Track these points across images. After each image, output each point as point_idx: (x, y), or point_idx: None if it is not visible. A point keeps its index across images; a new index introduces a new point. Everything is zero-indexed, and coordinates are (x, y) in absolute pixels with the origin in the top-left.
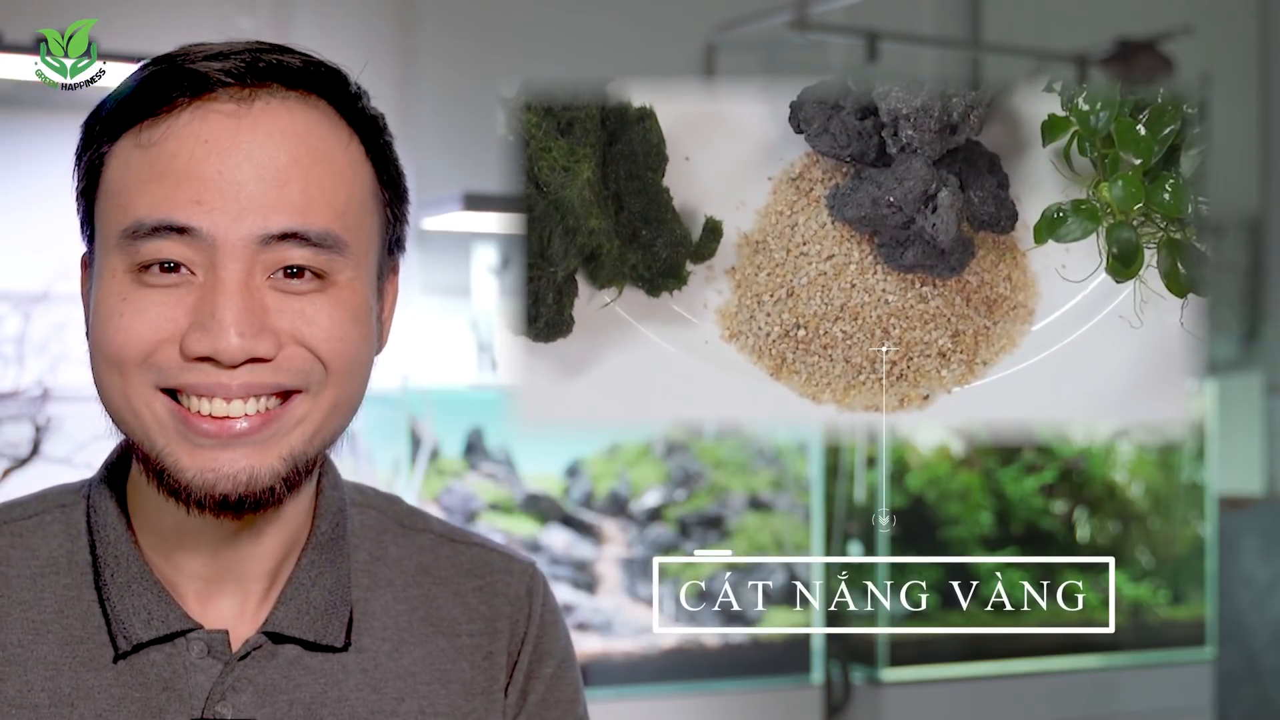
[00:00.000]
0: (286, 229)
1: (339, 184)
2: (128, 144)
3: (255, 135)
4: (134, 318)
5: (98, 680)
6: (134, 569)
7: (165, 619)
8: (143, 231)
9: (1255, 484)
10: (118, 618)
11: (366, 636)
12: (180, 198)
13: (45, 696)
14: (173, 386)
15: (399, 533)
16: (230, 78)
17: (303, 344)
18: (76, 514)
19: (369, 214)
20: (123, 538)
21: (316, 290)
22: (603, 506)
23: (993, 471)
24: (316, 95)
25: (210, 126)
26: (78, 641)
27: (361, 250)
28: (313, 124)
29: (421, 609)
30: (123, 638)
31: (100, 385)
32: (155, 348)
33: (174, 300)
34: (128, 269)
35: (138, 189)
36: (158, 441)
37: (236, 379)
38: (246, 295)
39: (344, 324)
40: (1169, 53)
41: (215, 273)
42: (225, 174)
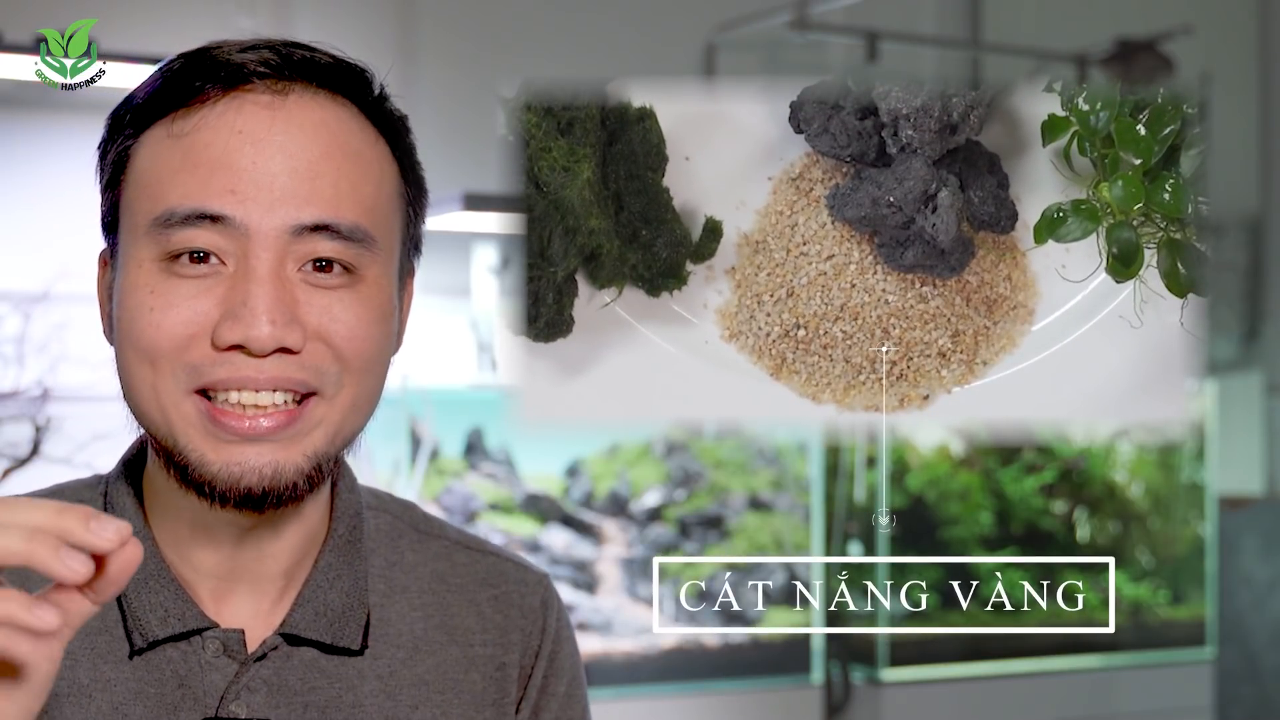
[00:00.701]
0: (318, 220)
1: (368, 180)
2: (158, 134)
3: (289, 128)
4: (165, 312)
5: (115, 673)
6: (151, 566)
7: (182, 617)
8: (175, 220)
9: (1255, 484)
10: (134, 614)
11: (382, 643)
12: (214, 186)
13: (65, 686)
14: (205, 386)
15: (415, 538)
16: (267, 69)
17: (325, 340)
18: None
19: (394, 212)
20: (140, 534)
21: (345, 285)
22: (603, 506)
23: (993, 471)
24: (343, 94)
25: (245, 118)
26: (95, 633)
27: (388, 247)
28: (343, 120)
29: (437, 616)
30: (139, 634)
31: (129, 378)
32: (188, 342)
33: (203, 291)
34: (156, 258)
35: (169, 178)
36: (182, 438)
37: (264, 371)
38: (278, 285)
39: (368, 323)
40: (1169, 53)
41: (247, 261)
42: (259, 165)
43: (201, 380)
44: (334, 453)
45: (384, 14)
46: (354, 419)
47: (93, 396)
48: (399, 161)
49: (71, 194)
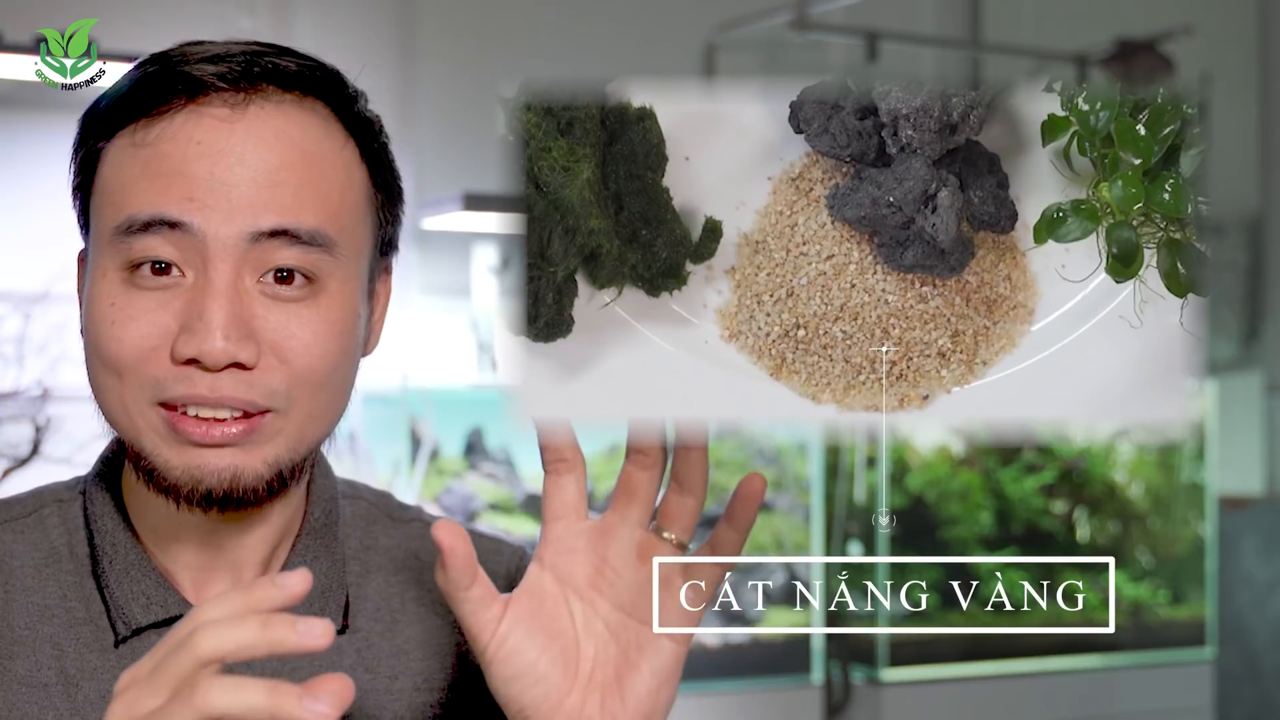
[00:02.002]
0: (276, 226)
1: (332, 187)
2: (123, 143)
3: (248, 139)
4: (126, 325)
5: (102, 662)
6: (131, 556)
7: (164, 603)
8: (135, 227)
9: (1255, 484)
10: (116, 604)
11: (360, 618)
12: (173, 194)
13: (53, 676)
14: (164, 401)
15: (388, 524)
16: (224, 82)
17: (279, 357)
18: (73, 509)
19: (363, 216)
20: (120, 528)
21: (305, 299)
22: (603, 507)
23: (993, 471)
24: (313, 98)
25: (203, 129)
26: (81, 624)
27: (353, 252)
28: (307, 127)
29: (413, 589)
30: (122, 623)
31: (96, 386)
32: (149, 354)
33: (162, 305)
34: (119, 268)
35: (131, 186)
36: (148, 444)
37: (216, 390)
38: (234, 298)
39: (325, 339)
40: (1169, 53)
41: (205, 273)
42: (217, 174)
43: (162, 395)
44: (297, 460)
45: (384, 14)
46: (315, 427)
47: (92, 397)
48: (369, 164)
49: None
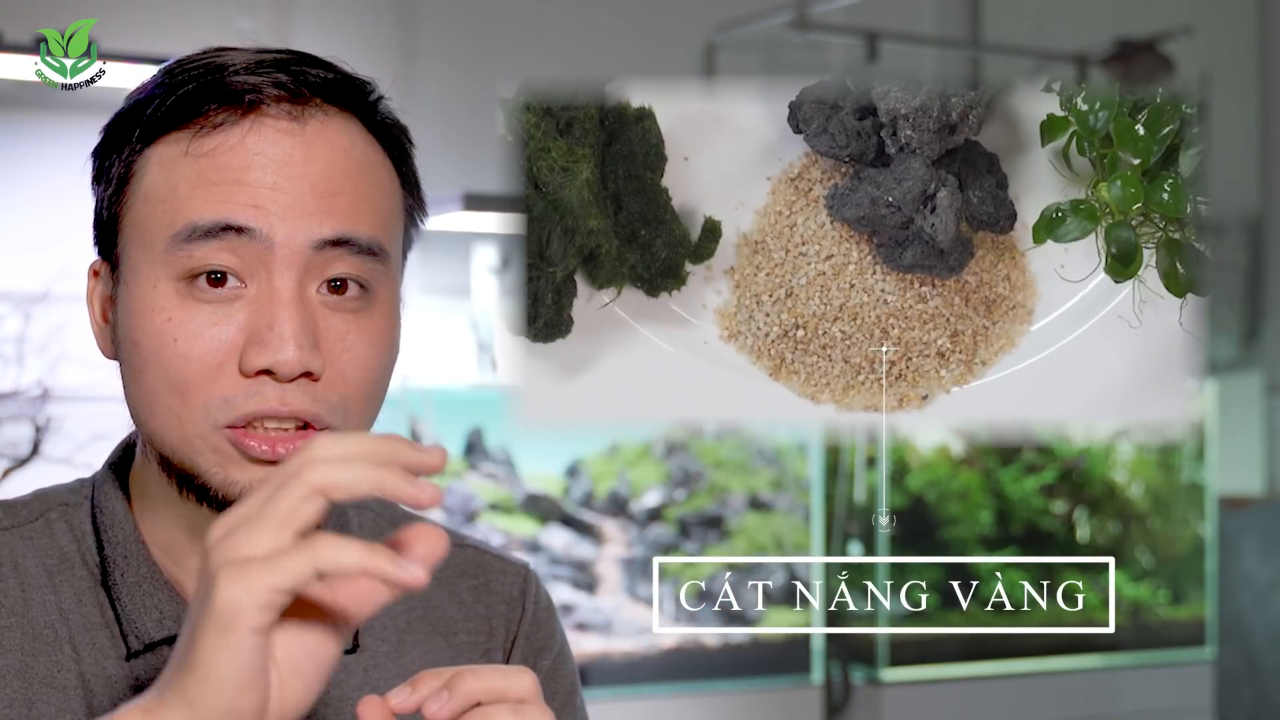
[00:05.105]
0: (339, 234)
1: (381, 196)
2: (171, 151)
3: (310, 151)
4: (190, 342)
5: (116, 670)
6: (144, 569)
7: (177, 618)
8: (197, 234)
9: (1255, 484)
10: (129, 618)
11: (368, 637)
12: (237, 200)
13: (72, 678)
14: (233, 422)
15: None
16: (284, 92)
17: (337, 369)
18: (79, 514)
19: (400, 224)
20: (131, 538)
21: (360, 309)
22: (603, 506)
23: (993, 471)
24: (350, 109)
25: (265, 141)
26: (96, 629)
27: (396, 260)
28: (356, 139)
29: (420, 608)
30: (134, 637)
31: (148, 406)
32: (216, 372)
33: (225, 318)
34: (173, 278)
35: (188, 193)
36: (204, 463)
37: (287, 404)
38: (302, 308)
39: (379, 349)
40: (1169, 53)
41: (270, 283)
42: (281, 184)
43: (231, 415)
44: None
45: (384, 15)
46: None
47: (93, 396)
48: (400, 173)
49: (71, 194)
